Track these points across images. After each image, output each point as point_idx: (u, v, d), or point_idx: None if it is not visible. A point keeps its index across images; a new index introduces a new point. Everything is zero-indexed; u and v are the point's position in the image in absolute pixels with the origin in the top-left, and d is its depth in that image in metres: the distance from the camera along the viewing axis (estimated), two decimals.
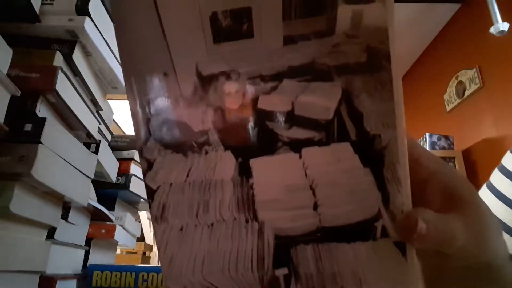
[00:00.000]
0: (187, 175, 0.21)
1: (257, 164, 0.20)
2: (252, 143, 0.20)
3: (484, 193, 0.47)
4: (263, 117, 0.20)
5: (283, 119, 0.20)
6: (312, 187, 0.20)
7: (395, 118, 0.19)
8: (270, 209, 0.20)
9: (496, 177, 0.47)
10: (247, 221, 0.21)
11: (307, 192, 0.20)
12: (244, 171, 0.20)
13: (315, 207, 0.20)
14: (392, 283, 0.20)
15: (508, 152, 0.47)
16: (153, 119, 0.20)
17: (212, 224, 0.21)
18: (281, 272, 0.20)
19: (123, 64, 0.20)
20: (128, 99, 0.20)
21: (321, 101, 0.20)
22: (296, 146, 0.20)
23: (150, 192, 0.21)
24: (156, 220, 0.21)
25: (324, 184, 0.20)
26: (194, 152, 0.21)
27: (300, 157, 0.20)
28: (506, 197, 0.43)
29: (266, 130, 0.20)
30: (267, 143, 0.20)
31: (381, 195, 0.19)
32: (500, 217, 0.43)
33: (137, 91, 0.20)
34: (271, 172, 0.20)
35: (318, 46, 0.19)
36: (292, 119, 0.20)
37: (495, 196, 0.45)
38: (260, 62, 0.19)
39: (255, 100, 0.20)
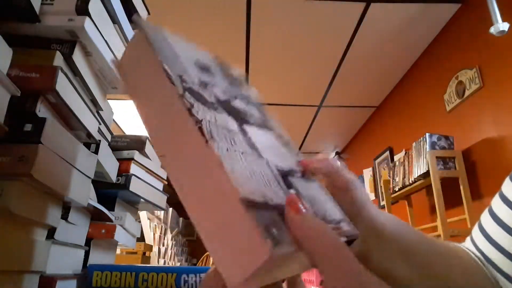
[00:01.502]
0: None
1: (249, 129, 0.32)
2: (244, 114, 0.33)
3: (487, 221, 0.47)
4: None
5: None
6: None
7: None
8: (267, 152, 0.30)
9: (497, 204, 0.46)
10: (259, 156, 0.29)
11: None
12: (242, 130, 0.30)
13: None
14: None
15: (507, 178, 0.46)
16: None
17: (242, 153, 0.27)
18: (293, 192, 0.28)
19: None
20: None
21: None
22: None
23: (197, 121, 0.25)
24: (209, 139, 0.24)
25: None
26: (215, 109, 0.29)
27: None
28: (507, 225, 0.42)
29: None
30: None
31: None
32: (503, 246, 0.42)
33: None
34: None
35: None
36: None
37: (497, 224, 0.44)
38: None
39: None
